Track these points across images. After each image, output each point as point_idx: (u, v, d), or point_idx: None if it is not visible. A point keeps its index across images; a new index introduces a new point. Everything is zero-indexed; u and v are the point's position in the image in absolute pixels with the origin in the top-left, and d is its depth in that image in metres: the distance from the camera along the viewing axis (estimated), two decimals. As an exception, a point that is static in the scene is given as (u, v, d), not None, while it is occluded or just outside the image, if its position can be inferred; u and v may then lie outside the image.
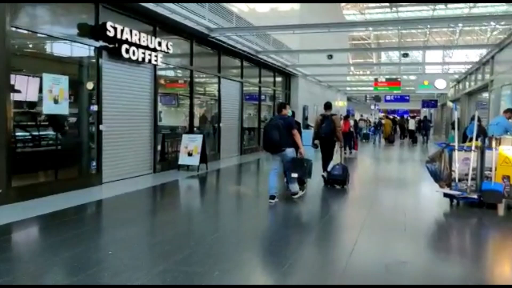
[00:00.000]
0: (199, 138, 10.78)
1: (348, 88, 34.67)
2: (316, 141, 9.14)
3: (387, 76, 21.20)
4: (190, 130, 11.92)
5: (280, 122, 7.01)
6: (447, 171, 7.25)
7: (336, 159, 9.38)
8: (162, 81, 11.35)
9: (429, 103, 30.48)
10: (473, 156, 7.07)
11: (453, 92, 26.62)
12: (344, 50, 21.79)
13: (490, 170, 6.93)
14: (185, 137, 10.91)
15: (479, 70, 17.61)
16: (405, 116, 45.03)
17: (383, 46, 51.34)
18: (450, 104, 27.85)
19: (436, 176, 7.34)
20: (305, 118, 22.17)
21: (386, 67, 45.14)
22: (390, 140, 25.22)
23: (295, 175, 7.12)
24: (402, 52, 14.14)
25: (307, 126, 22.21)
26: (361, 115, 37.67)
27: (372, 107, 39.75)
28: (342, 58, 32.97)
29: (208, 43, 12.40)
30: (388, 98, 29.34)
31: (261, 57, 15.78)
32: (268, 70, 18.31)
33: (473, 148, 7.09)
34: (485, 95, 19.34)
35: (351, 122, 19.53)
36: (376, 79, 20.21)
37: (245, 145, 15.97)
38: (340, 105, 32.19)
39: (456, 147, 7.21)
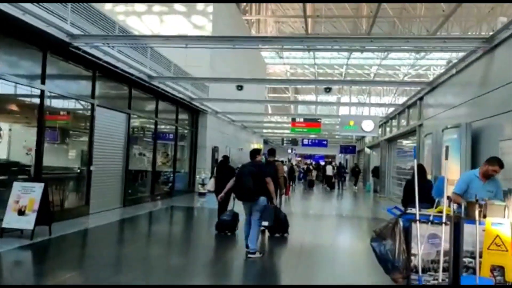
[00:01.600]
0: (37, 187, 7.15)
1: (264, 131, 32.51)
2: None
3: (306, 117, 19.14)
4: (37, 174, 8.24)
5: (253, 169, 6.66)
6: (404, 256, 4.48)
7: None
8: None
9: (347, 148, 29.16)
10: (444, 232, 4.39)
11: (371, 138, 25.35)
12: (257, 81, 19.08)
13: (472, 256, 4.27)
14: (16, 186, 7.20)
15: (402, 114, 15.98)
16: (321, 161, 44.61)
17: (300, 83, 51.10)
18: (367, 150, 26.56)
19: (388, 263, 4.53)
20: (215, 161, 19.13)
21: (303, 109, 44.46)
22: (310, 185, 25.11)
23: (265, 223, 6.64)
24: (324, 86, 11.90)
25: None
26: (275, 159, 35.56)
27: (289, 151, 37.98)
28: (259, 95, 30.97)
29: (75, 57, 9.03)
30: (305, 142, 27.47)
31: (157, 85, 12.64)
32: (169, 103, 15.17)
33: (443, 218, 4.43)
34: (406, 142, 17.80)
35: (285, 168, 18.44)
36: (293, 119, 17.96)
37: (131, 194, 12.40)
38: (256, 147, 29.74)
39: (417, 217, 4.50)
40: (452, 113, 9.49)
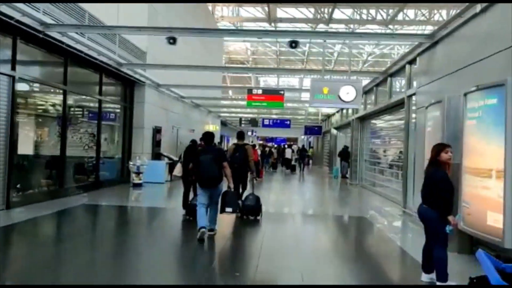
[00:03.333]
0: None
1: (222, 110, 29.05)
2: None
3: (265, 87, 15.91)
4: None
5: (215, 154, 6.47)
6: None
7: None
8: None
9: (312, 129, 26.06)
10: None
11: (338, 118, 22.51)
12: (198, 32, 14.05)
13: None
14: None
15: (382, 85, 13.04)
16: (283, 144, 42.34)
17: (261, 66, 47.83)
18: (334, 131, 23.73)
19: None
20: (157, 144, 15.63)
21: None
22: (274, 167, 25.23)
23: (229, 209, 6.82)
24: (290, 40, 8.63)
25: (158, 156, 15.75)
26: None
27: (250, 133, 34.79)
28: (217, 79, 27.46)
29: None
30: (266, 122, 24.20)
31: (60, 39, 9.00)
32: (88, 69, 11.52)
33: None
34: (380, 122, 14.97)
35: (258, 152, 18.59)
36: (250, 91, 14.50)
37: (22, 190, 8.81)
38: (211, 129, 26.32)
39: None
40: (474, 71, 6.49)
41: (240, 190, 8.88)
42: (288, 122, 24.25)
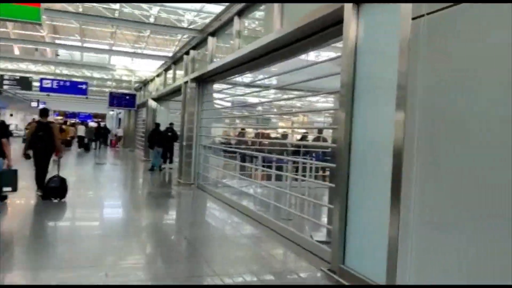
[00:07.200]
0: None
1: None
2: (29, 152, 7.61)
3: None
4: None
5: None
6: None
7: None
8: None
9: (121, 99, 17.68)
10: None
11: (161, 85, 15.64)
12: None
13: None
14: None
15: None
16: (89, 122, 36.42)
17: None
18: (152, 104, 16.68)
19: None
20: None
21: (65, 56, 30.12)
22: (67, 145, 21.01)
23: (8, 189, 6.10)
24: None
25: None
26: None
27: (34, 104, 24.84)
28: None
29: None
30: (47, 84, 15.23)
31: None
32: None
33: None
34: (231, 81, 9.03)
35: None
36: None
37: None
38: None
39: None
40: None
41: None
42: (84, 87, 15.80)
